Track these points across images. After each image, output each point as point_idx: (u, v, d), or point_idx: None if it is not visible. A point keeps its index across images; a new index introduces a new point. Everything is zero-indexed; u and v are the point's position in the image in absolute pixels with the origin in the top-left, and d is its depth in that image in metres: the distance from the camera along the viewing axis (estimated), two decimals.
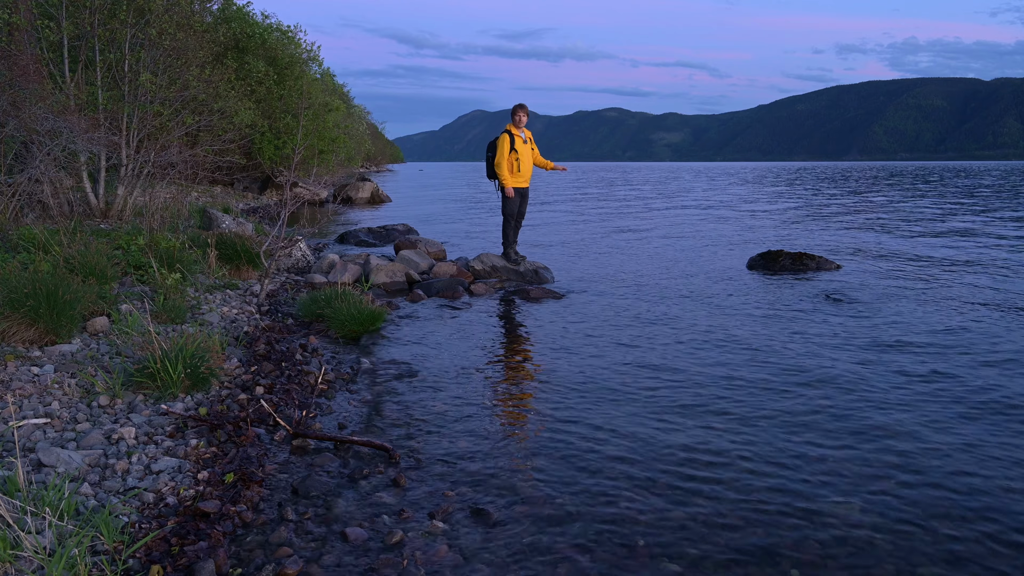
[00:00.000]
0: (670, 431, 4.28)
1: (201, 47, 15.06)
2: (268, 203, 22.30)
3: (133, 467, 3.51)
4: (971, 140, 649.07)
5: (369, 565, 2.88)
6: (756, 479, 3.64)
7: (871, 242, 13.76)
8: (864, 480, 3.62)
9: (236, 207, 17.48)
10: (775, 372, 5.43)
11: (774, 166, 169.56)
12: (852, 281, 9.31)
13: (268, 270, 7.86)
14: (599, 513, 3.30)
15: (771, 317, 7.31)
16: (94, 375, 4.56)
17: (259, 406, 4.48)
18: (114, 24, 12.40)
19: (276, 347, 5.88)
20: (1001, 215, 20.16)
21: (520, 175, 9.44)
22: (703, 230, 16.40)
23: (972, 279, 9.44)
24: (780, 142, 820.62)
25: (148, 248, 7.65)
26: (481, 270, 9.57)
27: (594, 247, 13.19)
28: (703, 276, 9.92)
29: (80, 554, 2.63)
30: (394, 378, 5.33)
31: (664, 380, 5.26)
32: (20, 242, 7.31)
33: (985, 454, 3.93)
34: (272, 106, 23.57)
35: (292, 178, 8.74)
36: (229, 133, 15.77)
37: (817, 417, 4.49)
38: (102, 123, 11.50)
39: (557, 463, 3.84)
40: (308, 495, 3.44)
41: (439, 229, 16.44)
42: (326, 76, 35.88)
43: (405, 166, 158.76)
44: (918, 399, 4.81)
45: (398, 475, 3.63)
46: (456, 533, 3.13)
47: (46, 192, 10.18)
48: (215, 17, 23.11)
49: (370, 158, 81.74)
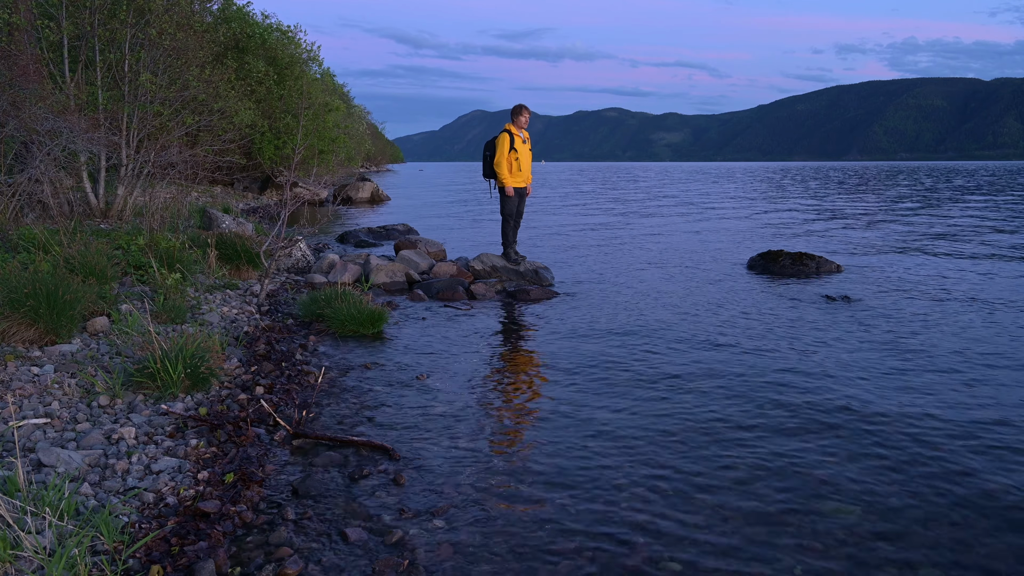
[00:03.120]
0: (670, 431, 4.28)
1: (201, 47, 15.06)
2: (268, 203, 22.31)
3: (133, 467, 3.51)
4: (971, 140, 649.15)
5: (369, 565, 2.87)
6: (756, 478, 3.64)
7: (871, 242, 13.76)
8: (864, 479, 3.62)
9: (236, 207, 17.48)
10: (775, 372, 5.43)
11: (774, 166, 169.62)
12: (852, 281, 9.31)
13: (268, 270, 7.86)
14: (600, 512, 3.30)
15: (771, 317, 7.31)
16: (94, 375, 4.56)
17: (259, 406, 4.48)
18: (114, 24, 12.40)
19: (276, 347, 5.88)
20: (1001, 214, 20.16)
21: (519, 175, 9.43)
22: (703, 230, 16.40)
23: (972, 277, 9.44)
24: (780, 142, 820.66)
25: (148, 248, 7.65)
26: (481, 270, 9.56)
27: (594, 247, 13.19)
28: (703, 276, 9.92)
29: (80, 554, 2.63)
30: (394, 378, 5.33)
31: (664, 380, 5.26)
32: (20, 242, 7.31)
33: (986, 454, 3.93)
34: (272, 106, 23.57)
35: (292, 178, 8.75)
36: (229, 133, 15.77)
37: (817, 416, 4.49)
38: (102, 123, 11.50)
39: (558, 462, 3.84)
40: (308, 495, 3.44)
41: (439, 229, 16.44)
42: (326, 76, 35.87)
43: (405, 166, 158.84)
44: (918, 399, 4.81)
45: (398, 475, 3.63)
46: (456, 533, 3.13)
47: (46, 192, 10.17)
48: (215, 17, 23.11)
49: (370, 158, 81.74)
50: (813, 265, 10.27)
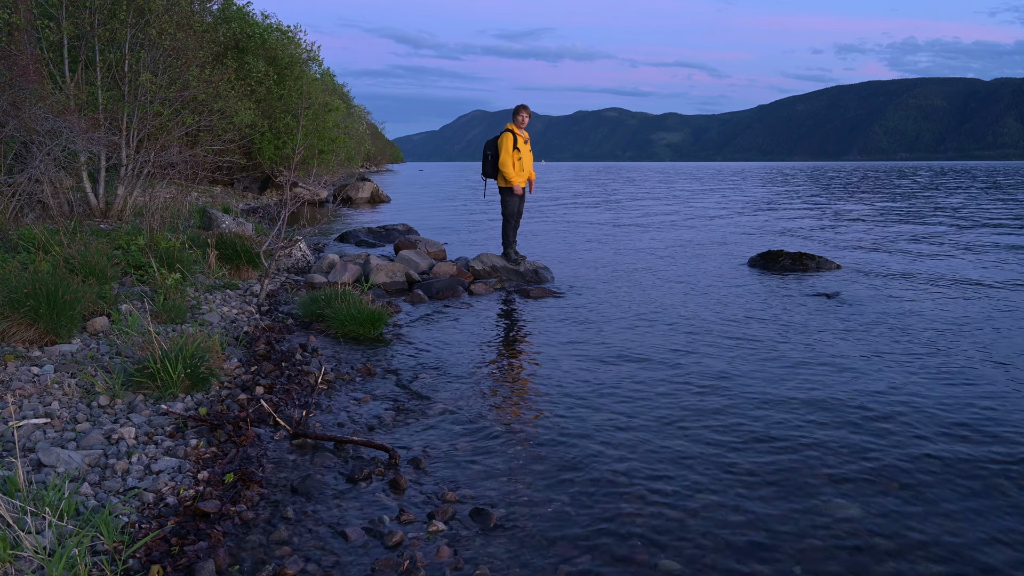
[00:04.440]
0: (670, 431, 4.28)
1: (201, 47, 15.06)
2: (268, 203, 22.31)
3: (133, 467, 3.51)
4: (971, 140, 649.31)
5: (369, 565, 2.87)
6: (757, 478, 3.64)
7: (871, 241, 13.76)
8: (865, 478, 3.62)
9: (236, 207, 17.48)
10: (775, 372, 5.43)
11: (775, 166, 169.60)
12: (852, 281, 9.31)
13: (268, 270, 7.86)
14: (599, 512, 3.30)
15: (771, 317, 7.31)
16: (94, 375, 4.56)
17: (259, 406, 4.48)
18: (114, 24, 12.40)
19: (276, 347, 5.88)
20: (1000, 213, 20.16)
21: (521, 174, 9.45)
22: (703, 229, 16.40)
23: (973, 277, 9.44)
24: (780, 142, 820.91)
25: (148, 248, 7.65)
26: (481, 270, 9.57)
27: (594, 247, 13.19)
28: (703, 276, 9.92)
29: (80, 554, 2.63)
30: (394, 378, 5.33)
31: (664, 380, 5.26)
32: (20, 242, 7.31)
33: (986, 454, 3.93)
34: (272, 106, 23.56)
35: (292, 178, 8.75)
36: (229, 133, 15.77)
37: (817, 416, 4.49)
38: (102, 123, 11.50)
39: (557, 463, 3.84)
40: (308, 495, 3.44)
41: (439, 229, 16.44)
42: (326, 76, 35.87)
43: (405, 166, 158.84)
44: (919, 399, 4.81)
45: (398, 475, 3.63)
46: (456, 533, 3.13)
47: (46, 192, 10.17)
48: (215, 17, 23.10)
49: (370, 158, 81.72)
50: (813, 265, 10.27)
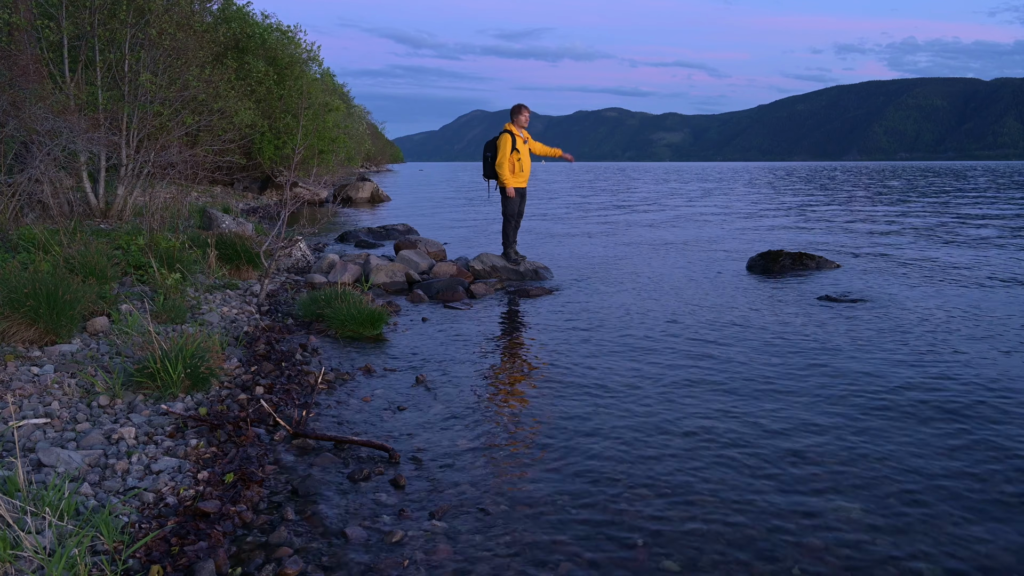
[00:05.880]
0: (670, 431, 4.28)
1: (201, 47, 15.06)
2: (268, 203, 22.30)
3: (133, 467, 3.51)
4: (971, 140, 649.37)
5: (369, 565, 2.87)
6: (757, 478, 3.63)
7: (871, 241, 13.76)
8: (865, 479, 3.62)
9: (236, 207, 17.47)
10: (774, 372, 5.43)
11: (775, 166, 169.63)
12: (852, 281, 9.31)
13: (268, 270, 7.86)
14: (599, 512, 3.30)
15: (771, 317, 7.31)
16: (94, 375, 4.56)
17: (259, 406, 4.48)
18: (114, 24, 12.40)
19: (276, 347, 5.88)
20: (1000, 213, 20.16)
21: (521, 175, 9.45)
22: (703, 229, 16.40)
23: (973, 276, 9.44)
24: (780, 142, 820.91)
25: (148, 248, 7.64)
26: (481, 270, 9.57)
27: (594, 247, 13.19)
28: (703, 275, 9.92)
29: (80, 554, 2.63)
30: (394, 378, 5.33)
31: (664, 380, 5.26)
32: (20, 242, 7.31)
33: (990, 455, 3.93)
34: (272, 106, 23.56)
35: (292, 178, 8.75)
36: (229, 133, 15.77)
37: (816, 416, 4.49)
38: (102, 123, 11.50)
39: (557, 462, 3.84)
40: (308, 495, 3.44)
41: (439, 229, 16.44)
42: (326, 76, 35.86)
43: (405, 166, 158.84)
44: (919, 399, 4.81)
45: (398, 475, 3.63)
46: (456, 533, 3.13)
47: (46, 192, 10.17)
48: (215, 17, 23.10)
49: (370, 158, 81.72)
50: (813, 265, 10.27)
